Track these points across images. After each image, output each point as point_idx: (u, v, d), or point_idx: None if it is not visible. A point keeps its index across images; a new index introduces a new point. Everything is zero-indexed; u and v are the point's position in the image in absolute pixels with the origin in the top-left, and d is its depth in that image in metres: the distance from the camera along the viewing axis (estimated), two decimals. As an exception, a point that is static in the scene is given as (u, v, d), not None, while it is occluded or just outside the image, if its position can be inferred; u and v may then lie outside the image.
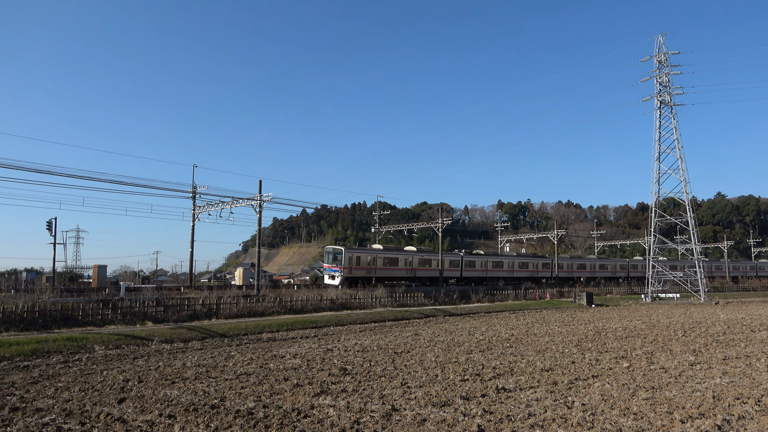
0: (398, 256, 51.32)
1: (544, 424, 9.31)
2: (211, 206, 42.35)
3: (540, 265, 64.90)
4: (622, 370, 14.61)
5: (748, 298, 61.33)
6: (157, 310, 26.95)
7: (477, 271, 58.00)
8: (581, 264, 71.96)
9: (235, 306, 30.27)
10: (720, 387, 12.28)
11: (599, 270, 72.75)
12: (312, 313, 32.45)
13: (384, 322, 31.05)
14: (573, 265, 70.68)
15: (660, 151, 57.49)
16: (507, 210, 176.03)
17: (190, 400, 11.07)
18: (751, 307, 45.29)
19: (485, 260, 58.95)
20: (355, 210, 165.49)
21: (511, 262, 61.44)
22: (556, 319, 32.57)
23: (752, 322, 30.01)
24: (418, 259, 52.65)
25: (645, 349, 19.04)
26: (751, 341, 21.18)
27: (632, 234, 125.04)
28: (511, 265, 61.38)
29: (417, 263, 52.29)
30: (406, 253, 52.80)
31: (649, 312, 39.71)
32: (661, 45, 57.94)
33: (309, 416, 9.87)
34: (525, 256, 67.42)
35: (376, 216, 69.35)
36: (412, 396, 11.45)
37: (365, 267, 47.81)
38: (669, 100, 57.22)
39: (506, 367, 15.19)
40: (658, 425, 9.21)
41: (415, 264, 52.13)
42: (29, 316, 23.24)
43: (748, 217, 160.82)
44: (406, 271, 51.26)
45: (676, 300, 55.55)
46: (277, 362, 16.22)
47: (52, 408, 10.53)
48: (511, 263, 61.43)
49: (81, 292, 29.49)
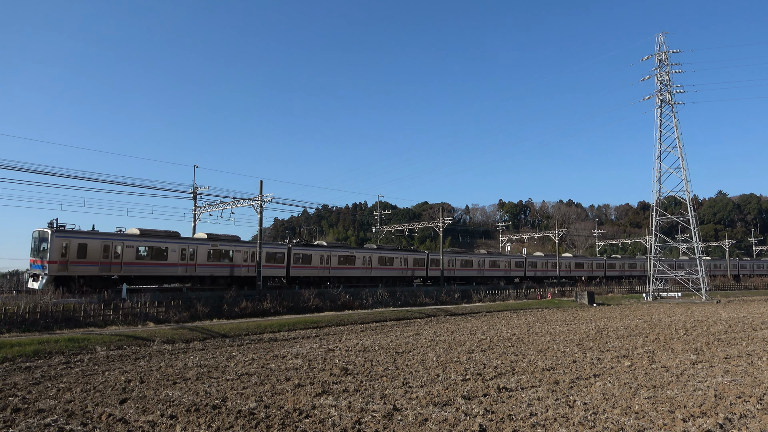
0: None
1: (545, 423, 9.30)
2: (212, 207, 42.38)
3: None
4: (623, 369, 14.60)
5: (749, 296, 61.25)
6: (158, 310, 26.97)
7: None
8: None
9: (236, 306, 30.28)
10: (722, 386, 12.26)
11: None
12: (314, 312, 32.46)
13: (385, 321, 31.06)
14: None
15: (661, 150, 57.51)
16: (508, 209, 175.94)
17: (191, 401, 11.08)
18: (752, 305, 45.23)
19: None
20: (356, 210, 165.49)
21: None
22: (558, 319, 32.55)
23: (754, 320, 29.97)
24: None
25: (646, 348, 19.02)
26: (753, 340, 21.15)
27: (633, 233, 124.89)
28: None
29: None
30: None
31: (651, 311, 39.67)
32: (661, 43, 57.98)
33: (310, 416, 9.87)
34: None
35: (377, 216, 69.37)
36: (413, 396, 11.45)
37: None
38: (670, 99, 57.19)
39: (508, 366, 15.18)
40: (659, 424, 9.20)
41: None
42: (31, 317, 23.27)
43: (750, 215, 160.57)
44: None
45: (677, 299, 55.50)
46: (278, 362, 16.23)
47: (53, 409, 10.55)
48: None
49: (82, 293, 29.48)
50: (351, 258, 45.61)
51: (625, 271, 76.06)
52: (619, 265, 76.51)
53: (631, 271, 76.78)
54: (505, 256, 63.04)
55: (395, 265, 49.41)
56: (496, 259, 60.65)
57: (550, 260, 67.44)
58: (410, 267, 50.78)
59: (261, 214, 37.27)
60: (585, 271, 70.98)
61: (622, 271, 75.79)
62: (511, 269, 61.73)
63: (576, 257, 75.31)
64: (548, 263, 66.87)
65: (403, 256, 50.69)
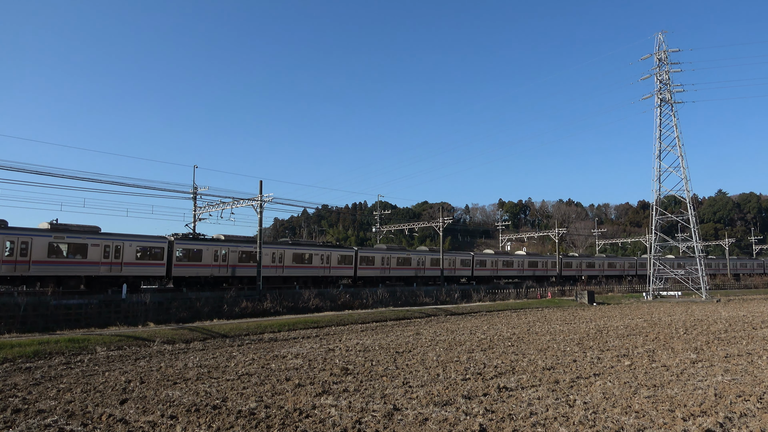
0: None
1: (545, 422, 9.31)
2: (212, 207, 42.37)
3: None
4: (623, 369, 14.60)
5: (749, 295, 61.27)
6: (158, 310, 26.97)
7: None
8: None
9: (236, 306, 30.29)
10: (722, 385, 12.27)
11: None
12: (314, 312, 32.47)
13: (385, 321, 31.06)
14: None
15: (660, 149, 57.50)
16: (508, 209, 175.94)
17: (191, 401, 11.08)
18: (752, 304, 45.24)
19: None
20: (356, 210, 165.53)
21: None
22: (558, 318, 32.56)
23: (754, 319, 29.98)
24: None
25: (646, 347, 19.03)
26: (753, 339, 21.16)
27: (633, 232, 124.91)
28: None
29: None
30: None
31: (651, 310, 39.68)
32: (661, 43, 57.96)
33: (311, 416, 9.87)
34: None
35: (377, 216, 69.38)
36: (413, 395, 11.45)
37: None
38: (669, 98, 57.20)
39: (508, 366, 15.18)
40: (659, 423, 9.21)
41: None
42: (31, 317, 23.29)
43: (750, 214, 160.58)
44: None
45: (677, 298, 55.51)
46: (278, 362, 16.23)
47: (54, 409, 10.55)
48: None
49: (82, 294, 29.48)
50: (255, 255, 37.73)
51: (617, 269, 75.16)
52: (614, 264, 75.61)
53: (614, 270, 75.41)
54: (455, 253, 58.01)
55: (315, 263, 42.73)
56: (452, 257, 55.87)
57: (511, 258, 63.72)
58: (334, 266, 44.17)
59: (261, 214, 37.27)
60: (574, 270, 69.69)
61: (623, 270, 75.23)
62: (456, 268, 55.88)
63: (572, 256, 74.51)
64: (525, 262, 63.92)
65: (324, 253, 43.87)
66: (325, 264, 43.67)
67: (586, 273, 69.70)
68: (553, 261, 66.95)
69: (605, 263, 73.84)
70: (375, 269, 47.87)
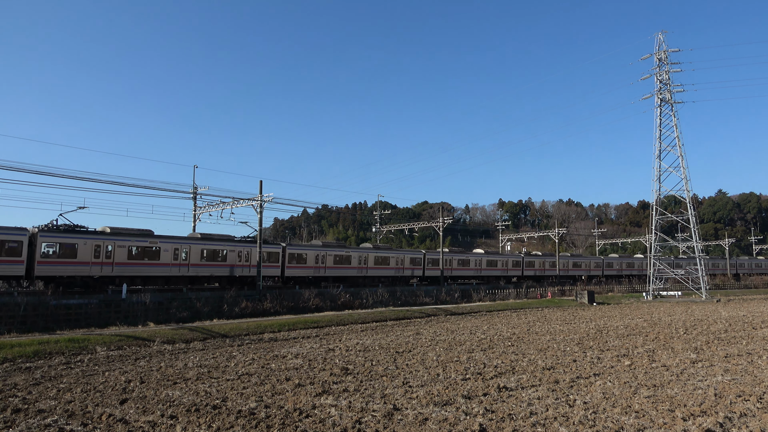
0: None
1: (545, 422, 9.31)
2: (211, 207, 42.39)
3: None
4: (623, 369, 14.60)
5: (749, 295, 61.28)
6: (158, 310, 26.97)
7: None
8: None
9: (236, 306, 30.30)
10: (722, 384, 12.27)
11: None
12: (314, 312, 32.48)
13: (385, 321, 31.06)
14: None
15: (661, 149, 57.54)
16: (508, 209, 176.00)
17: (191, 401, 11.08)
18: (752, 304, 45.24)
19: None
20: (356, 210, 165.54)
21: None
22: (558, 318, 32.56)
23: (754, 319, 29.98)
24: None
25: (646, 347, 19.03)
26: (753, 339, 21.16)
27: (633, 232, 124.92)
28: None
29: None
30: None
31: (651, 310, 39.68)
32: (661, 43, 57.99)
33: (311, 416, 9.87)
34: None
35: (377, 215, 69.39)
36: (413, 395, 11.46)
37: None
38: (669, 98, 57.22)
39: (508, 365, 15.19)
40: (659, 423, 9.21)
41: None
42: (31, 317, 23.29)
43: (750, 214, 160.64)
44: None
45: (677, 298, 55.52)
46: (278, 362, 16.23)
47: (54, 409, 10.55)
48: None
49: (82, 294, 29.48)
50: (151, 251, 33.49)
51: (623, 269, 74.74)
52: (617, 264, 75.37)
53: (630, 270, 75.73)
54: (410, 252, 55.04)
55: (230, 261, 37.83)
56: (413, 255, 53.07)
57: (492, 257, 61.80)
58: (253, 264, 38.60)
59: (261, 214, 37.27)
60: (583, 270, 69.80)
61: (620, 270, 74.67)
62: (405, 266, 52.01)
63: (574, 256, 74.23)
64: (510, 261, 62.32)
65: (243, 250, 38.36)
66: (244, 262, 38.41)
67: (549, 273, 65.92)
68: (515, 260, 63.22)
69: (569, 263, 69.21)
70: (307, 268, 42.36)
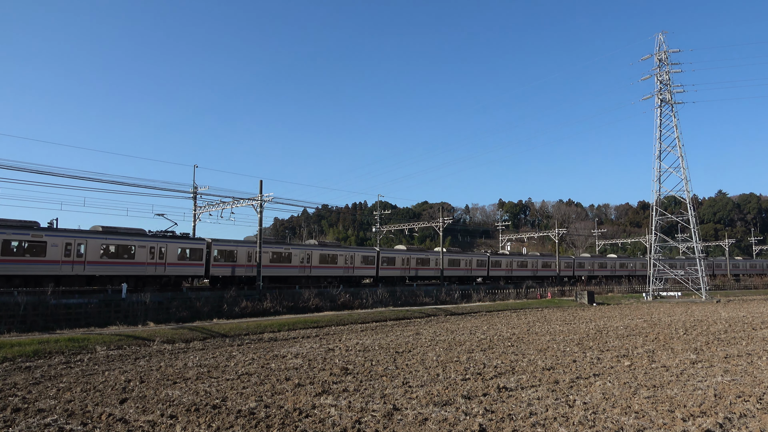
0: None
1: (545, 423, 9.31)
2: (212, 206, 42.40)
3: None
4: (623, 369, 14.60)
5: (749, 296, 61.27)
6: (158, 310, 26.97)
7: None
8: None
9: (236, 306, 30.30)
10: (721, 385, 12.27)
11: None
12: (314, 312, 32.49)
13: (385, 321, 31.06)
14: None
15: (661, 150, 57.55)
16: (508, 209, 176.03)
17: (191, 401, 11.08)
18: (752, 305, 45.24)
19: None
20: (356, 210, 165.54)
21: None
22: (558, 318, 32.56)
23: (754, 320, 29.99)
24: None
25: (646, 347, 19.03)
26: (753, 339, 21.16)
27: (633, 232, 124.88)
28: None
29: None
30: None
31: (651, 310, 39.68)
32: (661, 43, 58.02)
33: (310, 416, 9.87)
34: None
35: (377, 215, 69.38)
36: (413, 395, 11.45)
37: None
38: (669, 99, 57.23)
39: (508, 366, 15.19)
40: (659, 423, 9.21)
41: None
42: (31, 316, 23.28)
43: (750, 215, 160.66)
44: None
45: (677, 298, 55.52)
46: (278, 362, 16.23)
47: (53, 408, 10.55)
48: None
49: (82, 293, 29.46)
50: (35, 246, 29.31)
51: (595, 270, 72.05)
52: (588, 264, 72.22)
53: (603, 270, 73.19)
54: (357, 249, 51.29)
55: (140, 258, 33.38)
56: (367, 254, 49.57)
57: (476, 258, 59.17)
58: (173, 261, 35.09)
59: (261, 214, 37.29)
60: (552, 270, 66.77)
61: (592, 270, 71.90)
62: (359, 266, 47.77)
63: (543, 255, 70.99)
64: None
65: (157, 245, 34.19)
66: (158, 260, 34.22)
67: (516, 273, 63.32)
68: (479, 260, 59.49)
69: (538, 262, 66.49)
70: (238, 267, 38.69)
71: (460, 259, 57.11)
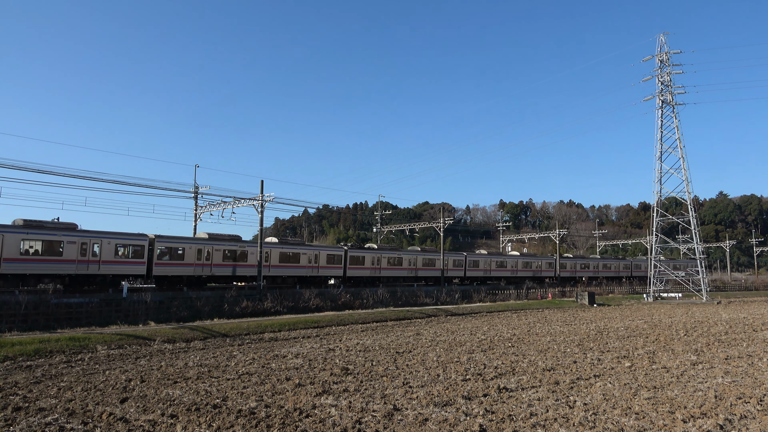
0: None
1: (545, 423, 9.31)
2: (212, 206, 42.43)
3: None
4: (623, 370, 14.60)
5: (750, 297, 61.22)
6: (159, 309, 26.99)
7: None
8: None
9: (237, 306, 30.31)
10: (722, 386, 12.26)
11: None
12: (314, 312, 32.49)
13: (386, 321, 31.06)
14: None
15: (662, 151, 57.49)
16: (509, 210, 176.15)
17: (192, 400, 11.10)
18: (753, 306, 45.19)
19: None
20: (356, 210, 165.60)
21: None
22: (558, 319, 32.55)
23: (754, 321, 29.96)
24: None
25: (647, 348, 19.02)
26: (753, 341, 21.14)
27: (634, 233, 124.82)
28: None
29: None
30: None
31: (651, 311, 39.65)
32: (662, 44, 57.96)
33: (311, 416, 9.88)
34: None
35: (377, 216, 69.39)
36: (413, 396, 11.46)
37: None
38: (671, 100, 57.18)
39: (508, 366, 15.18)
40: (659, 425, 9.21)
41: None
42: (32, 315, 23.31)
43: (750, 216, 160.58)
44: None
45: (678, 299, 55.47)
46: (279, 362, 16.24)
47: (54, 408, 10.56)
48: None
49: (83, 292, 29.49)
50: None
51: (577, 271, 70.64)
52: (570, 265, 70.29)
53: (585, 271, 72.07)
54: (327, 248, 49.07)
55: (68, 255, 29.85)
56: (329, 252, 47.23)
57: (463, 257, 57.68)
58: (109, 260, 31.76)
59: (262, 213, 37.30)
60: (533, 270, 65.36)
61: (574, 272, 70.35)
62: (324, 266, 45.39)
63: (524, 255, 69.03)
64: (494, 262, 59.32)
65: (87, 241, 30.76)
66: (91, 258, 30.86)
67: (495, 274, 61.51)
68: (456, 259, 57.34)
69: (519, 263, 64.42)
70: (186, 266, 35.46)
71: (434, 259, 54.53)
